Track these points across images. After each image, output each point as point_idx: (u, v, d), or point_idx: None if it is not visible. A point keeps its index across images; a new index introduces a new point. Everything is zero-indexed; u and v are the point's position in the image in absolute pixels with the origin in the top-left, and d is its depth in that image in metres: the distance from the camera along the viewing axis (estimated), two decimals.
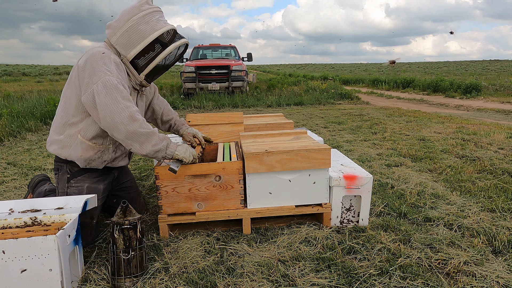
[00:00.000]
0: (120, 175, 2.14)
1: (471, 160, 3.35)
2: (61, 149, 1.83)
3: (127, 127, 1.64)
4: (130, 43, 1.78)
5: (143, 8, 1.78)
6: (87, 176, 1.90)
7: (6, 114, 5.87)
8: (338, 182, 1.99)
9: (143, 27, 1.77)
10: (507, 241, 1.83)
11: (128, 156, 2.07)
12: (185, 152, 1.84)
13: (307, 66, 78.87)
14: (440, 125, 5.39)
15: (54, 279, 1.40)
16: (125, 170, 2.22)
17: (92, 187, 1.90)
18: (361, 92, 13.52)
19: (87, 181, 1.89)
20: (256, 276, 1.59)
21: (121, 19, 1.78)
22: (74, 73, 1.77)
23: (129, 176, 2.23)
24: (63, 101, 1.83)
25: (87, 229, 1.87)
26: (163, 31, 1.80)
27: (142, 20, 1.77)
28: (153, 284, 1.54)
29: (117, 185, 2.13)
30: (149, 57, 1.84)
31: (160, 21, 1.81)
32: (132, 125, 1.64)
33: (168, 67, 2.00)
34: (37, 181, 2.21)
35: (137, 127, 1.66)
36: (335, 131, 5.25)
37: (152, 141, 1.71)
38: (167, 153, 1.78)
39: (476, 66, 43.65)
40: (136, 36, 1.77)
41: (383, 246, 1.80)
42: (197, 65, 9.98)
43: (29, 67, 42.84)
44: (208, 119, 2.57)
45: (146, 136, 1.69)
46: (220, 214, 1.98)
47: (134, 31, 1.77)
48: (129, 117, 1.64)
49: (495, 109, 8.13)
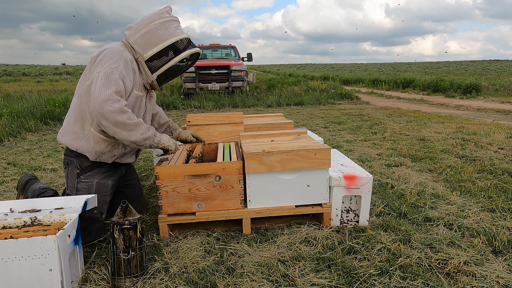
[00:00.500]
0: (127, 172, 2.22)
1: (471, 160, 3.35)
2: (73, 140, 1.90)
3: (117, 118, 1.71)
4: (149, 44, 1.91)
5: (163, 15, 1.94)
6: (96, 172, 1.96)
7: (6, 114, 5.87)
8: (338, 182, 1.99)
9: (162, 31, 1.92)
10: (507, 241, 1.83)
11: (136, 153, 2.15)
12: (169, 141, 1.98)
13: (307, 66, 78.91)
14: (440, 125, 5.39)
15: (54, 279, 1.40)
16: (132, 168, 2.30)
17: (101, 183, 1.97)
18: (361, 92, 13.51)
19: (96, 176, 1.96)
20: (256, 276, 1.59)
21: (142, 23, 1.92)
22: (88, 65, 1.87)
23: (135, 174, 2.31)
24: (78, 93, 1.90)
25: (96, 224, 1.93)
26: (180, 38, 1.96)
27: (162, 25, 1.93)
28: (153, 284, 1.54)
29: (123, 181, 2.19)
30: (164, 59, 1.99)
31: (178, 29, 1.99)
32: (122, 116, 1.72)
33: (177, 73, 2.14)
34: (24, 181, 2.20)
35: (126, 119, 1.74)
36: (335, 131, 5.25)
37: (141, 129, 1.81)
38: (154, 141, 1.88)
39: (476, 66, 43.66)
40: (155, 38, 1.91)
41: (383, 246, 1.80)
42: (197, 65, 9.97)
43: (29, 67, 42.84)
44: (208, 119, 2.57)
45: (135, 126, 1.78)
46: (220, 214, 1.98)
47: (154, 34, 1.91)
48: (119, 108, 1.72)
49: (495, 109, 8.13)
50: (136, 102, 1.94)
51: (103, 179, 1.97)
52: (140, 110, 2.02)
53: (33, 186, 2.10)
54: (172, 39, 1.93)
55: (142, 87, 1.99)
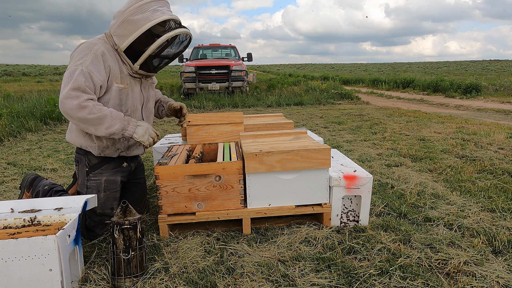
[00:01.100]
0: (137, 171, 2.23)
1: (471, 160, 3.35)
2: (76, 137, 1.93)
3: (77, 114, 1.72)
4: (124, 34, 1.80)
5: None
6: (104, 169, 1.98)
7: (6, 114, 5.88)
8: (338, 182, 1.99)
9: (138, 17, 1.77)
10: (507, 241, 1.83)
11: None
12: (143, 135, 1.88)
13: (307, 66, 78.89)
14: (440, 125, 5.39)
15: (54, 279, 1.40)
16: (142, 167, 2.31)
17: (110, 180, 1.99)
18: (361, 92, 13.51)
19: (105, 173, 1.98)
20: (256, 276, 1.59)
21: (122, 9, 1.81)
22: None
23: (143, 174, 2.33)
24: None
25: (106, 218, 1.98)
26: (156, 22, 1.78)
27: (138, 10, 1.78)
28: (153, 284, 1.54)
29: (132, 178, 2.20)
30: (142, 47, 1.83)
31: (158, 11, 1.79)
32: (81, 112, 1.72)
33: (170, 57, 2.02)
34: (31, 179, 2.21)
35: (86, 114, 1.72)
36: (335, 131, 5.25)
37: (105, 124, 1.77)
38: (124, 135, 1.84)
39: (476, 66, 43.65)
40: (131, 26, 1.78)
41: (383, 246, 1.80)
42: (197, 65, 9.98)
43: (29, 67, 42.84)
44: (208, 119, 2.57)
45: (99, 120, 1.75)
46: (220, 214, 1.98)
47: (129, 22, 1.78)
48: (77, 105, 1.71)
49: (495, 109, 8.13)
50: (121, 95, 1.91)
51: (111, 176, 1.99)
52: (131, 101, 1.97)
53: (42, 182, 2.13)
54: (147, 24, 1.76)
55: (128, 78, 1.93)
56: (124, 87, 1.92)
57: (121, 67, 1.90)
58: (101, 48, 1.81)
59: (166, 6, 1.86)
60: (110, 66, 1.84)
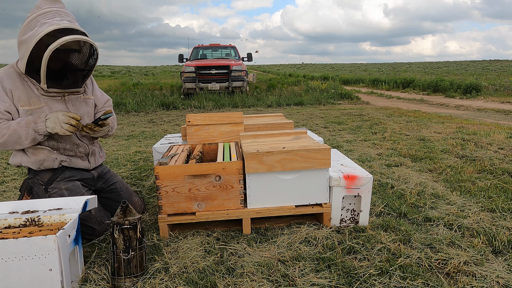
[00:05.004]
0: (106, 178, 2.18)
1: (471, 160, 3.35)
2: (15, 157, 1.92)
3: None
4: (22, 56, 1.73)
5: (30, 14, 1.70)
6: (60, 179, 1.95)
7: None
8: (338, 182, 1.99)
9: (27, 35, 1.67)
10: (507, 241, 1.83)
11: (88, 159, 2.07)
12: (54, 126, 1.76)
13: (307, 66, 78.89)
14: (440, 125, 5.39)
15: (54, 279, 1.40)
16: (110, 173, 2.24)
17: (70, 186, 1.95)
18: (361, 92, 13.51)
19: (62, 183, 1.95)
20: (256, 276, 1.59)
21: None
22: None
23: (116, 178, 2.26)
24: None
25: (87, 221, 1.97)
26: (40, 36, 1.63)
27: (27, 28, 1.69)
28: (153, 284, 1.54)
29: (106, 188, 2.18)
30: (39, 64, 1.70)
31: (44, 25, 1.66)
32: None
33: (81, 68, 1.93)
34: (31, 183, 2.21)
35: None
36: (335, 131, 5.25)
37: (21, 135, 1.75)
38: (41, 134, 1.78)
39: (476, 66, 43.66)
40: (24, 46, 1.69)
41: (383, 246, 1.80)
42: (197, 65, 9.98)
43: None
44: (208, 119, 2.57)
45: (12, 136, 1.74)
46: (220, 214, 1.98)
47: (22, 42, 1.70)
48: None
49: (495, 109, 8.13)
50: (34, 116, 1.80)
51: (70, 183, 1.96)
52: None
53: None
54: (33, 41, 1.63)
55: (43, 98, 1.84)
56: (34, 108, 1.82)
57: (31, 88, 1.83)
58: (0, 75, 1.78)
59: (58, 16, 1.73)
60: (12, 90, 1.79)
